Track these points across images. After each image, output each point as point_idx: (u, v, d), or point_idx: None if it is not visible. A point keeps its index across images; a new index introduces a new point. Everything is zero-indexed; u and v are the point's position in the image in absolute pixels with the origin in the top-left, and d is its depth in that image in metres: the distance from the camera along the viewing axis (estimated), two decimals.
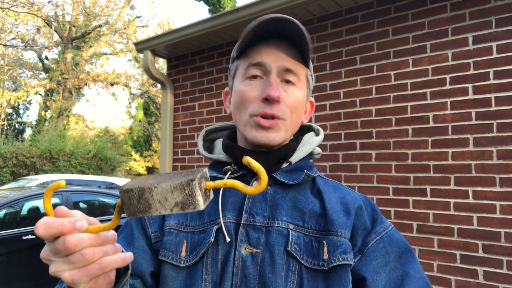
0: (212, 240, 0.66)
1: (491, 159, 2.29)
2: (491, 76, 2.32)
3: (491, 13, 2.34)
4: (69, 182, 8.33)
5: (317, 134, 0.83)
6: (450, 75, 2.46)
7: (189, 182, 0.43)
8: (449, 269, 2.37)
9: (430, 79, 2.52)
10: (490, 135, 2.30)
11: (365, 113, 2.77)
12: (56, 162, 11.40)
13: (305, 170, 0.74)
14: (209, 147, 0.86)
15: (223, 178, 0.73)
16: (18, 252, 3.99)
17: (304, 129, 0.84)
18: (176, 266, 0.68)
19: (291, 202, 0.71)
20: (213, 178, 0.75)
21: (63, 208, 0.46)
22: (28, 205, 4.59)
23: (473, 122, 2.36)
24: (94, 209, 5.22)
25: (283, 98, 0.70)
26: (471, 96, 2.37)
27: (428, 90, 2.52)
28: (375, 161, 2.70)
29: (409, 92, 2.60)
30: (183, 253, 0.68)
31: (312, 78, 0.79)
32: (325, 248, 0.65)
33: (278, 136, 0.71)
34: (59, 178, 8.45)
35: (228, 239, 0.66)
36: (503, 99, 2.27)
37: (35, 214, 4.59)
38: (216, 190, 0.72)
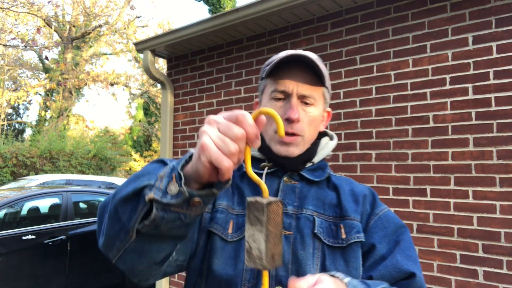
0: None
1: (491, 159, 2.29)
2: (491, 76, 2.32)
3: (491, 13, 2.34)
4: (69, 182, 8.33)
5: (331, 138, 0.99)
6: (450, 75, 2.45)
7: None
8: (449, 269, 2.37)
9: (430, 79, 2.52)
10: (490, 135, 2.30)
11: (365, 113, 2.77)
12: (56, 162, 11.40)
13: (327, 170, 0.93)
14: None
15: (261, 173, 0.89)
16: (18, 252, 3.99)
17: (320, 134, 0.99)
18: (224, 239, 0.82)
19: (314, 194, 0.89)
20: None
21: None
22: (28, 205, 4.58)
23: (473, 122, 2.36)
24: (94, 209, 5.22)
25: (302, 118, 0.86)
26: (471, 96, 2.37)
27: (428, 90, 2.52)
28: (375, 161, 2.70)
29: (409, 92, 2.60)
30: (230, 230, 0.83)
31: (329, 92, 0.94)
32: (343, 230, 0.83)
33: (297, 149, 0.88)
34: (59, 178, 8.45)
35: None
36: (503, 99, 2.27)
37: (35, 214, 4.58)
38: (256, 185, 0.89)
